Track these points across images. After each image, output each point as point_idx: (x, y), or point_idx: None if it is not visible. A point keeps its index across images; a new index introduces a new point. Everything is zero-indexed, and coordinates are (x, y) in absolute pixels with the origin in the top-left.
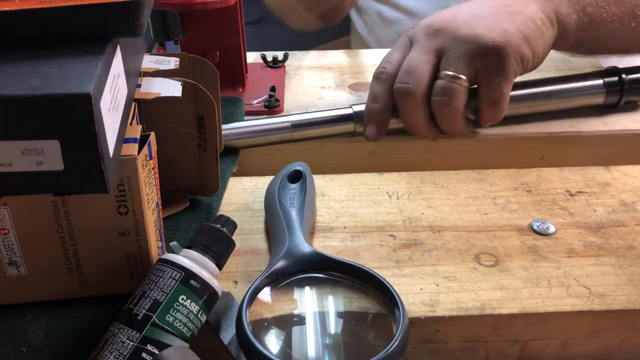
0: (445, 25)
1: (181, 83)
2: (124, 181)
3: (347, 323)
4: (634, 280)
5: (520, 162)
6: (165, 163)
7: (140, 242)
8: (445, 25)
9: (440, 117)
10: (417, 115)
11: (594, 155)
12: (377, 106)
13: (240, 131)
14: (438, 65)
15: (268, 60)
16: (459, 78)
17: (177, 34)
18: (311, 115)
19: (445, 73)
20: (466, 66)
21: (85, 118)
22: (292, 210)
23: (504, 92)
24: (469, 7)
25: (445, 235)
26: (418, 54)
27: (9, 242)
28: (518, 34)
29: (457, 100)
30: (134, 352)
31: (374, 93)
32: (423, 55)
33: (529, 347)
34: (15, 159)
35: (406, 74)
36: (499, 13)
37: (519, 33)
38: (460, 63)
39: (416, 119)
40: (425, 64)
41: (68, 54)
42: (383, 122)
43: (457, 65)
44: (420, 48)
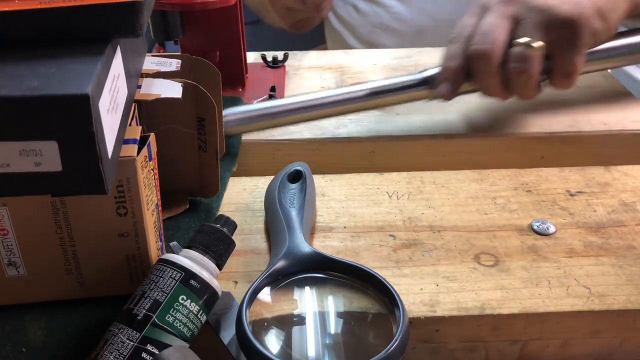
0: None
1: (181, 84)
2: (123, 182)
3: (347, 323)
4: (634, 280)
5: (520, 162)
6: (165, 164)
7: (140, 243)
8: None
9: (515, 83)
10: (493, 79)
11: (594, 155)
12: (453, 65)
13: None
14: (512, 32)
15: (268, 60)
16: (534, 47)
17: (177, 34)
18: (385, 83)
19: (521, 40)
20: (541, 36)
21: (84, 119)
22: (292, 210)
23: (576, 65)
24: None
25: (445, 235)
26: (493, 19)
27: (8, 243)
28: (591, 7)
29: (533, 69)
30: (134, 352)
31: (449, 53)
32: (499, 20)
33: (529, 347)
34: (13, 159)
35: (482, 36)
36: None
37: (593, 5)
38: (536, 33)
39: (492, 82)
40: (501, 28)
41: (67, 54)
42: (457, 81)
43: (532, 34)
44: (495, 13)
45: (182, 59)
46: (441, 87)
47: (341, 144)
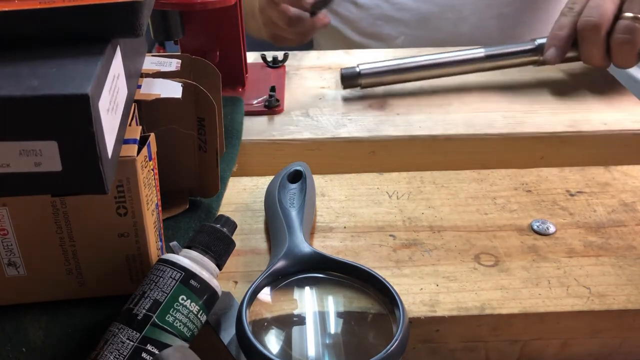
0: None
1: (181, 84)
2: (123, 182)
3: (347, 323)
4: (634, 280)
5: (520, 162)
6: (165, 164)
7: (140, 243)
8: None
9: (618, 52)
10: (597, 48)
11: (594, 155)
12: (562, 33)
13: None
14: (621, 7)
15: (268, 60)
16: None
17: (177, 34)
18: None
19: (628, 14)
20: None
21: (83, 119)
22: (292, 210)
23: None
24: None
25: (445, 235)
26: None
27: (8, 243)
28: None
29: (638, 39)
30: (134, 352)
31: (560, 23)
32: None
33: (529, 347)
34: (13, 159)
35: (592, 9)
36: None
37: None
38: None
39: (596, 51)
40: (610, 2)
41: (67, 54)
42: (564, 48)
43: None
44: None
45: (182, 59)
46: (549, 52)
47: (341, 144)
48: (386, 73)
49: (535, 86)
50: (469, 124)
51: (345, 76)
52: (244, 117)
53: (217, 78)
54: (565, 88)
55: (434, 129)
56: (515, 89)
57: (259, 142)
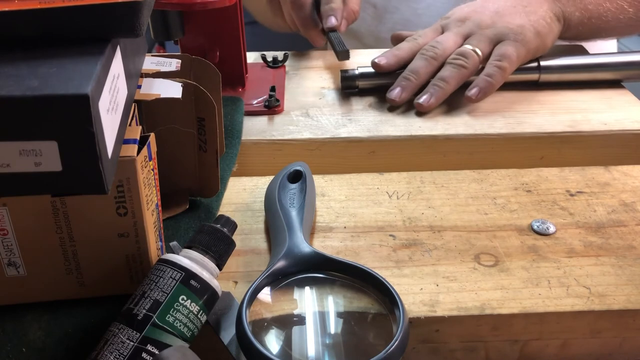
0: (474, 17)
1: (181, 84)
2: (123, 182)
3: (347, 323)
4: (634, 280)
5: (520, 162)
6: (165, 164)
7: (140, 243)
8: (474, 17)
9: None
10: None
11: (594, 155)
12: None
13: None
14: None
15: (268, 60)
16: (475, 51)
17: (177, 34)
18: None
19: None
20: (485, 44)
21: (83, 119)
22: (292, 210)
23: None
24: (493, 4)
25: (445, 235)
26: (449, 35)
27: (8, 243)
28: (532, 29)
29: (467, 62)
30: (134, 352)
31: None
32: (452, 37)
33: (529, 347)
34: (13, 159)
35: (436, 43)
36: (518, 12)
37: (533, 28)
38: (481, 42)
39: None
40: (453, 42)
41: (67, 54)
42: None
43: (478, 42)
44: (451, 32)
45: (182, 59)
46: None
47: (341, 144)
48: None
49: (535, 86)
50: (469, 124)
51: (345, 78)
52: (244, 117)
53: (217, 78)
54: (565, 88)
55: (434, 129)
56: (515, 89)
57: (259, 142)
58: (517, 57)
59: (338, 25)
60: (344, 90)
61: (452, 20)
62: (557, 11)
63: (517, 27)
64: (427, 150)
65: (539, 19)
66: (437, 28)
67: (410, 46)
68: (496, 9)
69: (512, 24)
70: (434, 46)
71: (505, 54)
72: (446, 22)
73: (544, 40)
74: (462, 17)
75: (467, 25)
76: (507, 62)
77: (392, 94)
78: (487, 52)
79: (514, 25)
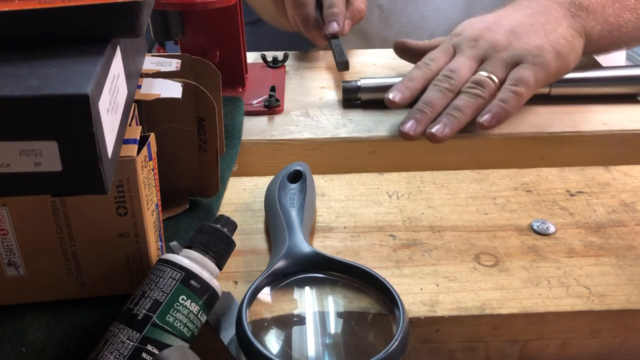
0: (487, 37)
1: (181, 84)
2: (123, 182)
3: (347, 323)
4: (634, 280)
5: (520, 162)
6: (165, 164)
7: (140, 243)
8: (487, 37)
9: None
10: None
11: (594, 155)
12: (412, 84)
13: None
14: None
15: (268, 60)
16: (492, 77)
17: (177, 34)
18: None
19: (482, 72)
20: (502, 69)
21: (83, 119)
22: (292, 210)
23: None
24: (508, 21)
25: (445, 235)
26: (462, 60)
27: (8, 243)
28: (551, 50)
29: (484, 91)
30: (134, 352)
31: (412, 76)
32: (467, 61)
33: (529, 347)
34: (13, 159)
35: (450, 72)
36: (535, 31)
37: (553, 49)
38: (497, 67)
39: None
40: (468, 68)
41: (67, 54)
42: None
43: (493, 67)
44: (464, 55)
45: (182, 59)
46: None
47: (341, 144)
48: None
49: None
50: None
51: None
52: (244, 117)
53: (217, 78)
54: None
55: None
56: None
57: (259, 142)
58: (535, 81)
59: (340, 31)
60: (345, 102)
61: (465, 40)
62: (578, 27)
63: (535, 49)
64: (427, 150)
65: (559, 38)
66: (448, 49)
67: (424, 75)
68: (512, 27)
69: (530, 45)
70: (449, 76)
71: (522, 78)
72: (458, 40)
73: (565, 61)
74: (474, 36)
75: (482, 47)
76: (523, 87)
77: (405, 127)
78: (504, 77)
79: (532, 47)
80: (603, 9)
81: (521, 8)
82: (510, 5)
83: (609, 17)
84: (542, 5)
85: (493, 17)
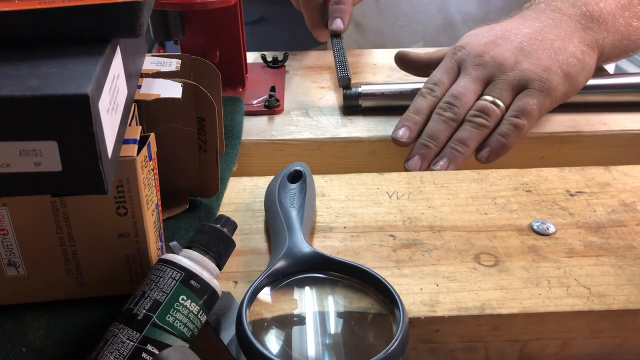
0: (493, 54)
1: (181, 84)
2: (123, 182)
3: (347, 323)
4: (634, 280)
5: (520, 162)
6: (165, 164)
7: (140, 243)
8: (493, 53)
9: (464, 129)
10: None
11: (594, 155)
12: (418, 118)
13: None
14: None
15: (268, 60)
16: (497, 103)
17: (177, 34)
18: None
19: (487, 97)
20: (508, 93)
21: (83, 119)
22: (292, 210)
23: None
24: (515, 36)
25: (445, 235)
26: (467, 83)
27: (8, 243)
28: (559, 72)
29: (489, 120)
30: (134, 352)
31: (417, 107)
32: (471, 85)
33: (529, 347)
34: (13, 159)
35: (454, 99)
36: (544, 49)
37: (561, 71)
38: (503, 92)
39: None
40: (472, 93)
41: (67, 54)
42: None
43: (500, 92)
44: (469, 77)
45: (182, 59)
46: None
47: (341, 144)
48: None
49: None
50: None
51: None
52: (244, 117)
53: (217, 78)
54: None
55: None
56: None
57: (259, 142)
58: (539, 110)
59: (344, 29)
60: (346, 109)
61: (470, 57)
62: (590, 40)
63: (543, 72)
64: None
65: (569, 58)
66: (452, 67)
67: (429, 105)
68: (520, 43)
69: (538, 67)
70: (452, 104)
71: (525, 110)
72: (462, 56)
73: (573, 82)
74: (480, 52)
75: (487, 67)
76: (525, 119)
77: (410, 163)
78: (509, 101)
79: (540, 70)
80: (614, 19)
81: (529, 21)
82: (518, 16)
83: (620, 27)
84: (552, 18)
85: (500, 29)
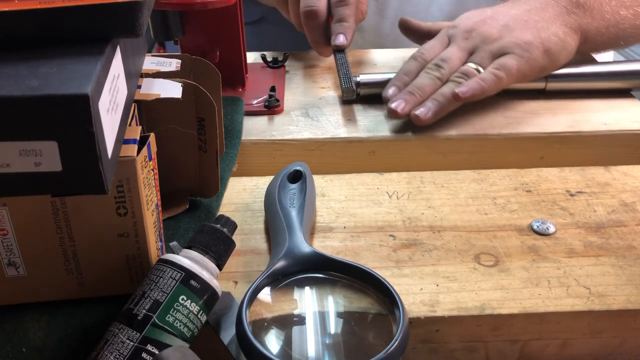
0: (480, 30)
1: (181, 84)
2: (123, 182)
3: (347, 323)
4: (634, 280)
5: (520, 162)
6: (165, 164)
7: (140, 243)
8: (481, 29)
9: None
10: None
11: (594, 155)
12: (408, 79)
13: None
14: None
15: (268, 60)
16: (479, 69)
17: (177, 34)
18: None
19: (470, 64)
20: (489, 60)
21: (83, 119)
22: (292, 210)
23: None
24: (503, 16)
25: (445, 235)
26: (453, 50)
27: (8, 243)
28: (540, 47)
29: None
30: (134, 352)
31: (408, 69)
32: (458, 52)
33: (529, 347)
34: (13, 159)
35: (441, 61)
36: (528, 27)
37: (542, 46)
38: (485, 59)
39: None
40: (458, 59)
41: (67, 54)
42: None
43: (481, 58)
44: (456, 46)
45: (182, 59)
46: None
47: (341, 144)
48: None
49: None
50: (468, 123)
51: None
52: (244, 117)
53: (217, 78)
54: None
55: (433, 129)
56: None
57: (259, 142)
58: (517, 70)
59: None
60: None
61: (459, 32)
62: (573, 24)
63: (524, 44)
64: (427, 150)
65: (550, 36)
66: (443, 40)
67: (418, 67)
68: (506, 22)
69: (520, 40)
70: (439, 65)
71: (505, 65)
72: (453, 32)
73: (553, 58)
74: (469, 29)
75: (473, 39)
76: (504, 73)
77: (394, 104)
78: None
79: (522, 42)
80: (600, 6)
81: (519, 4)
82: (510, 1)
83: (605, 14)
84: (540, 2)
85: (491, 11)
